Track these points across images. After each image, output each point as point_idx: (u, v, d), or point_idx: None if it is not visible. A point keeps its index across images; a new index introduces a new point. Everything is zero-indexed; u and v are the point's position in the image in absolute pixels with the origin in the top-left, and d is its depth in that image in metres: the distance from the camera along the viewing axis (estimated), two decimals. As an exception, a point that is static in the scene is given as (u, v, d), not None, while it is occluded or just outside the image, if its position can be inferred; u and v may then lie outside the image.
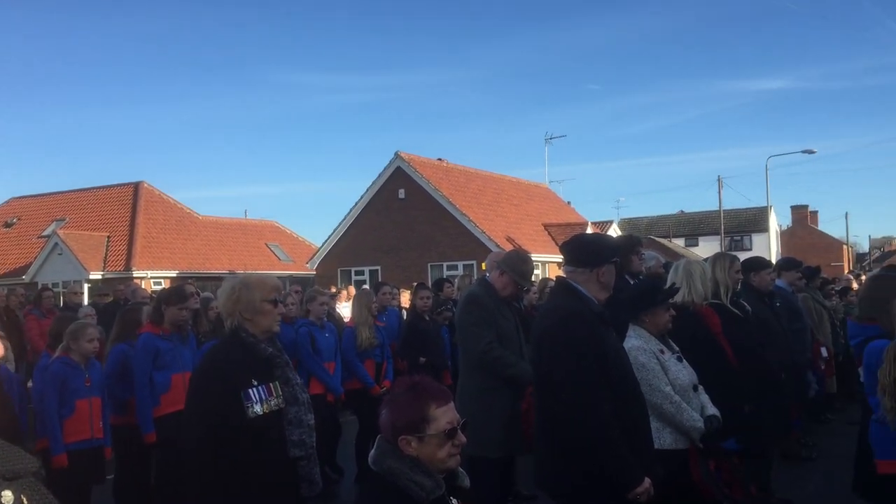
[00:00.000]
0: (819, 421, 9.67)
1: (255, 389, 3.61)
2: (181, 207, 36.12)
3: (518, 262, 5.80)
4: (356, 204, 30.28)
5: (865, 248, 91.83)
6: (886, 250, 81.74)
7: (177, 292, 6.54)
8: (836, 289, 12.59)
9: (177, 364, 6.22)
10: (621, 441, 3.52)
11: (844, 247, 71.73)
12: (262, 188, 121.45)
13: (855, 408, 8.60)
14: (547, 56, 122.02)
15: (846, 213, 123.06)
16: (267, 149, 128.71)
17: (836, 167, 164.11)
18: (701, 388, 4.50)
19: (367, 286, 17.71)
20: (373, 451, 2.67)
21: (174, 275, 29.61)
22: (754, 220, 59.71)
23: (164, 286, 19.80)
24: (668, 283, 5.41)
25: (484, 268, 18.65)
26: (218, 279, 26.93)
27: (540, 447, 3.86)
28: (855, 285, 13.52)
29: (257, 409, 3.58)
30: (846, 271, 47.03)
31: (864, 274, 18.14)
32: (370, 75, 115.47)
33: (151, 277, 29.28)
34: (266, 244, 39.21)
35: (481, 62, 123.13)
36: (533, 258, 8.29)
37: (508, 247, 25.19)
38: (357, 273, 29.58)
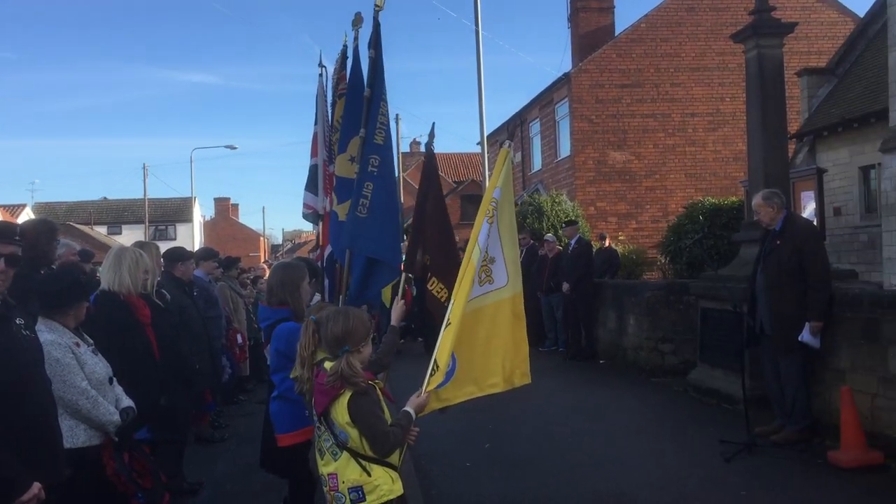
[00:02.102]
0: (232, 402, 10.24)
1: None
2: None
3: None
4: None
5: (280, 239, 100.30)
6: (297, 242, 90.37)
7: None
8: (251, 277, 13.48)
9: None
10: (2, 447, 3.22)
11: (261, 238, 77.15)
12: None
13: (264, 388, 9.33)
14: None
15: (263, 207, 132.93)
16: None
17: (256, 164, 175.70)
18: (115, 380, 4.39)
19: None
20: None
21: None
22: (179, 210, 60.44)
23: None
24: (103, 272, 5.22)
25: None
26: None
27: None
28: (268, 273, 14.62)
29: None
30: (262, 261, 50.61)
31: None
32: None
33: None
34: None
35: None
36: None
37: None
38: None
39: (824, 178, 15.47)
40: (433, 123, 5.63)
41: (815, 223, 13.90)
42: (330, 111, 7.28)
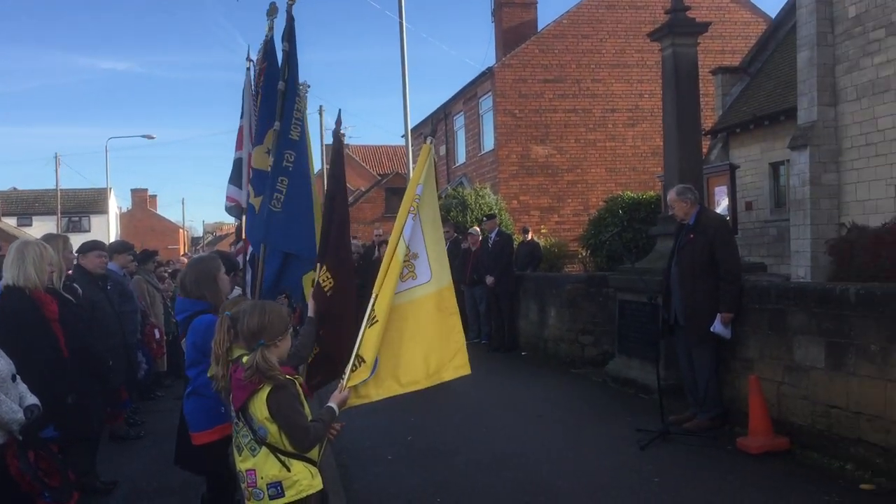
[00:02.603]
0: (149, 399, 10.00)
1: None
2: None
3: None
4: None
5: (200, 232, 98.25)
6: (218, 234, 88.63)
7: None
8: (169, 271, 13.16)
9: None
10: None
11: (181, 230, 75.45)
12: None
13: (182, 384, 9.13)
14: None
15: (183, 199, 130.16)
16: None
17: (175, 154, 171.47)
18: (18, 377, 4.23)
19: None
20: None
21: None
22: (94, 201, 58.59)
23: None
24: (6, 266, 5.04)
25: None
26: None
27: None
28: (187, 268, 14.29)
29: None
30: (181, 253, 49.51)
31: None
32: None
33: None
34: None
35: None
36: None
37: None
38: None
39: (737, 173, 15.98)
40: (339, 110, 5.59)
41: (727, 217, 14.37)
42: (254, 104, 7.16)
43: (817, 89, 13.78)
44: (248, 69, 7.46)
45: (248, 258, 6.68)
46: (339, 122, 5.43)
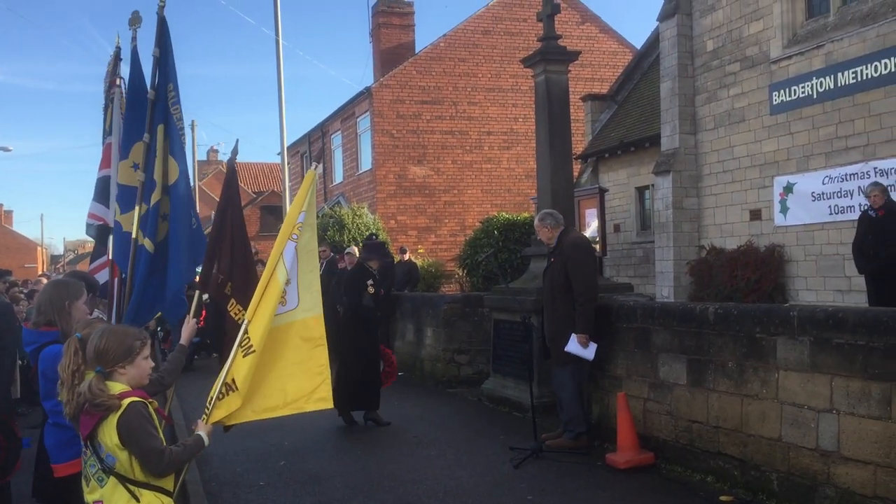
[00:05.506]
0: None
1: None
2: None
3: None
4: None
5: (61, 250, 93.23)
6: (80, 252, 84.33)
7: None
8: (25, 291, 12.41)
9: None
10: None
11: (40, 248, 71.42)
12: None
13: (38, 412, 8.57)
14: None
15: (41, 215, 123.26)
16: None
17: (33, 167, 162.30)
18: None
19: None
20: None
21: None
22: (-59, 217, 54.66)
23: None
24: None
25: None
26: None
27: None
28: (44, 288, 13.51)
29: None
30: (39, 273, 46.84)
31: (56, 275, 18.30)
32: None
33: None
34: None
35: None
36: None
37: None
38: None
39: (606, 197, 16.62)
40: (237, 140, 5.51)
41: (597, 239, 14.89)
42: (122, 118, 6.88)
43: (679, 118, 14.52)
44: (119, 86, 7.21)
45: (116, 279, 6.38)
46: (235, 152, 5.30)
